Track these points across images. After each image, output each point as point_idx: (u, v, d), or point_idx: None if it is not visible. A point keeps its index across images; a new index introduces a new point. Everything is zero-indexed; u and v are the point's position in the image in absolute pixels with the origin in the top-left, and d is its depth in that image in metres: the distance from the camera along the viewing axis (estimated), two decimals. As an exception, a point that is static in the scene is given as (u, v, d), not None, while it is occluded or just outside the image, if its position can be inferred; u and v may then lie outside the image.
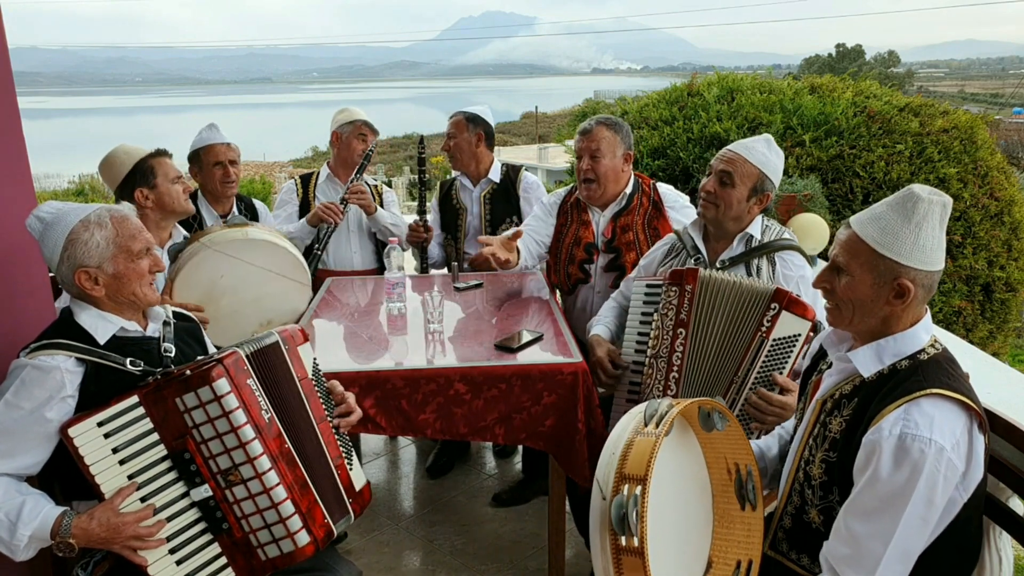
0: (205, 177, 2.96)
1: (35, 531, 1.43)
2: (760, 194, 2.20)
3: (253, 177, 15.18)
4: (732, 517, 1.53)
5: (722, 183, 2.20)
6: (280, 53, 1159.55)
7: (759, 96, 4.06)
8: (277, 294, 2.48)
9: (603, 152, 2.67)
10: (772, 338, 1.99)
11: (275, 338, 1.68)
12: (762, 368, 2.01)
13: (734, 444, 1.53)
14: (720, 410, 1.47)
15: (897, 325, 1.41)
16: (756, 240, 2.24)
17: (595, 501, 1.31)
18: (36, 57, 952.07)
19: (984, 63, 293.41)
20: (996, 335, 3.85)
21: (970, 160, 3.75)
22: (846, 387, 1.46)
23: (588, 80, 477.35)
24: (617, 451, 1.32)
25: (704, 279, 2.09)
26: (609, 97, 4.53)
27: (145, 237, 1.64)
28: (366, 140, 3.33)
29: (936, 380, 1.34)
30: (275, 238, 2.49)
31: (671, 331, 2.12)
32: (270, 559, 1.52)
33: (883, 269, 1.37)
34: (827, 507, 1.46)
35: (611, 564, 1.26)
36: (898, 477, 1.28)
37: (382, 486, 3.19)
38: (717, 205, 2.22)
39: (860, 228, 1.40)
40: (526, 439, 2.19)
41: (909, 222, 1.36)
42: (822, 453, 1.46)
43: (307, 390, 1.69)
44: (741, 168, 2.18)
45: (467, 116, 3.31)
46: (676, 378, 2.10)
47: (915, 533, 1.31)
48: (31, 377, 1.48)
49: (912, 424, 1.28)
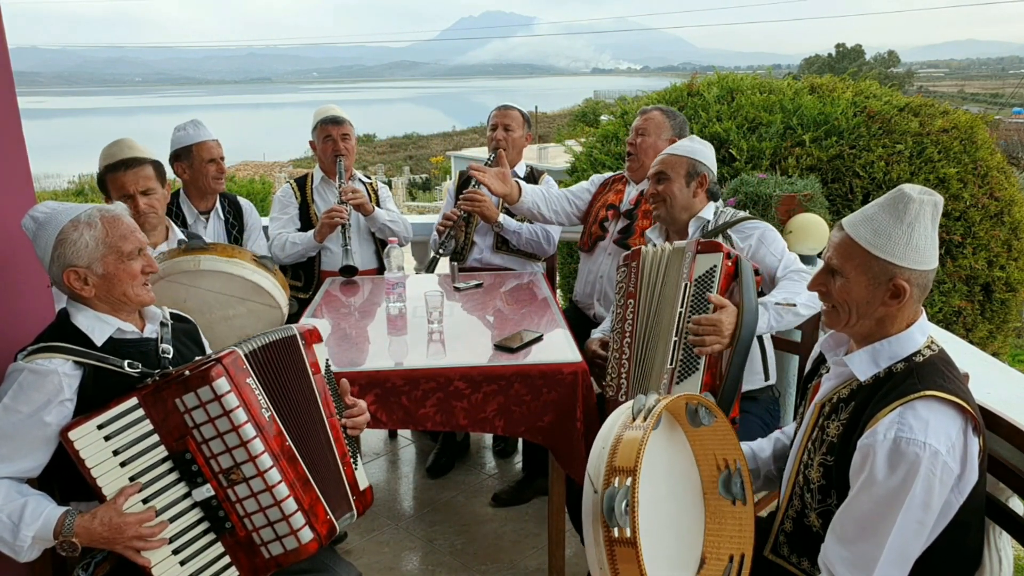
0: (196, 173, 2.94)
1: (38, 532, 1.43)
2: (697, 176, 2.36)
3: (253, 177, 15.17)
4: (723, 513, 1.54)
5: (659, 180, 2.39)
6: (280, 53, 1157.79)
7: (759, 96, 4.06)
8: (245, 314, 2.44)
9: (649, 131, 2.91)
10: (694, 279, 2.10)
11: (293, 332, 1.69)
12: (691, 306, 2.09)
13: (722, 440, 1.54)
14: (707, 405, 1.49)
15: (893, 326, 1.41)
16: (711, 224, 2.36)
17: (587, 495, 1.33)
18: (36, 57, 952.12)
19: (984, 63, 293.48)
20: (996, 335, 3.84)
21: (970, 160, 3.74)
22: (843, 391, 1.46)
23: (588, 80, 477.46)
24: (607, 445, 1.34)
25: (645, 253, 2.24)
26: (609, 97, 4.53)
27: (137, 238, 1.64)
28: (333, 139, 3.29)
29: (931, 382, 1.33)
30: (229, 267, 2.32)
31: (623, 303, 2.25)
32: (274, 557, 1.52)
33: (878, 270, 1.37)
34: (825, 511, 1.46)
35: (605, 556, 1.26)
36: (893, 480, 1.28)
37: (382, 486, 3.19)
38: (664, 200, 2.38)
39: (852, 230, 1.40)
40: (525, 432, 2.20)
41: (901, 223, 1.36)
42: (820, 457, 1.46)
43: (320, 386, 1.70)
44: (669, 161, 2.38)
45: (523, 114, 3.48)
46: (629, 342, 2.19)
47: (912, 536, 1.31)
48: (28, 381, 1.48)
49: (907, 428, 1.28)
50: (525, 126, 3.46)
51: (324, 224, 3.15)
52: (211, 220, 3.07)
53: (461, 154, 32.76)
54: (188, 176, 2.97)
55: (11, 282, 1.89)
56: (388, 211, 3.40)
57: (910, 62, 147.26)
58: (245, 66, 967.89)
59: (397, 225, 3.34)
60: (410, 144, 61.76)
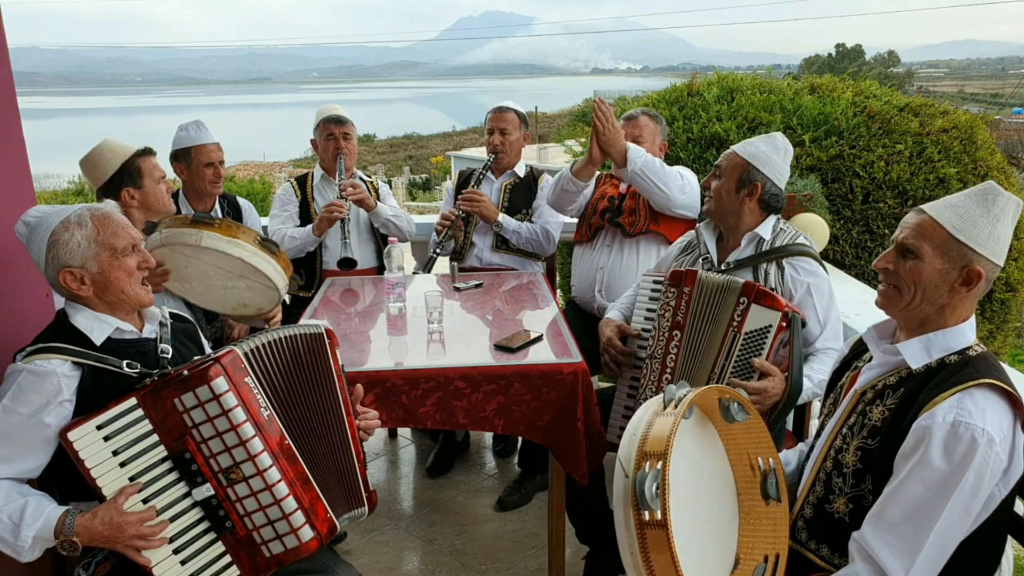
0: (193, 176, 2.95)
1: (39, 531, 1.43)
2: (748, 184, 2.18)
3: (253, 177, 15.17)
4: (758, 513, 1.52)
5: (715, 176, 2.26)
6: (280, 53, 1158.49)
7: (759, 96, 4.06)
8: (243, 287, 2.45)
9: (644, 139, 2.95)
10: (744, 331, 2.00)
11: (320, 329, 1.70)
12: (737, 362, 2.01)
13: (755, 438, 1.53)
14: (739, 401, 1.48)
15: (951, 317, 1.42)
16: (766, 243, 2.22)
17: (618, 480, 1.32)
18: (36, 57, 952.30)
19: (984, 63, 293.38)
20: (996, 335, 3.84)
21: (970, 160, 3.75)
22: (890, 378, 1.46)
23: (587, 80, 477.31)
24: (638, 432, 1.34)
25: (702, 280, 2.09)
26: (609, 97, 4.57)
27: (130, 234, 1.63)
28: (335, 137, 3.31)
29: (988, 373, 1.35)
30: (230, 247, 2.34)
31: (667, 332, 2.14)
32: (274, 555, 1.52)
33: (955, 255, 1.39)
34: (857, 495, 1.45)
35: (636, 540, 1.26)
36: (947, 465, 1.28)
37: (382, 486, 3.19)
38: (712, 198, 2.26)
39: (936, 213, 1.41)
40: (525, 431, 2.20)
41: (988, 212, 1.39)
42: (859, 441, 1.45)
43: (341, 384, 1.72)
44: (730, 160, 2.23)
45: (519, 114, 3.45)
46: (668, 379, 2.11)
47: (956, 523, 1.31)
48: (27, 382, 1.48)
49: (966, 412, 1.29)
50: (522, 127, 3.45)
51: (323, 218, 3.15)
52: None
53: (461, 154, 32.76)
54: (186, 177, 2.98)
55: (11, 282, 1.89)
56: (391, 207, 3.40)
57: (910, 62, 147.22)
58: (245, 66, 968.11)
59: (401, 220, 3.34)
60: (410, 144, 61.75)
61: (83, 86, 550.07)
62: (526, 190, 3.43)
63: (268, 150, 55.36)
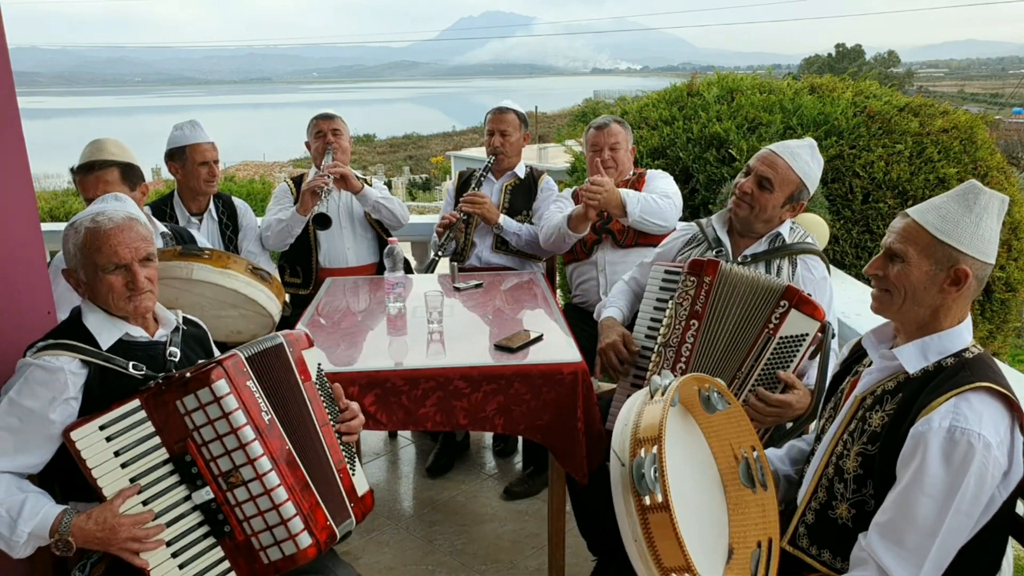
0: (187, 175, 2.95)
1: (35, 528, 1.43)
2: (795, 202, 2.21)
3: (252, 177, 15.16)
4: (746, 502, 1.52)
5: (760, 186, 2.19)
6: (280, 53, 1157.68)
7: (759, 96, 4.06)
8: (236, 316, 2.44)
9: (620, 145, 3.02)
10: (779, 336, 1.97)
11: (279, 340, 1.67)
12: (766, 366, 1.99)
13: (737, 427, 1.53)
14: (719, 389, 1.48)
15: (945, 319, 1.42)
16: (783, 239, 2.24)
17: (615, 471, 1.32)
18: (36, 57, 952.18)
19: (984, 63, 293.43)
20: (996, 335, 3.84)
21: (970, 160, 3.75)
22: (889, 383, 1.46)
23: (587, 80, 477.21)
24: (629, 422, 1.35)
25: (724, 272, 2.06)
26: (609, 97, 4.54)
27: (119, 253, 1.57)
28: (324, 133, 3.31)
29: (983, 376, 1.35)
30: (222, 279, 2.33)
31: (684, 321, 2.09)
32: (272, 562, 1.52)
33: (941, 256, 1.39)
34: (859, 501, 1.45)
35: (639, 526, 1.25)
36: (946, 471, 1.29)
37: (382, 486, 3.19)
38: (752, 207, 2.21)
39: (919, 216, 1.42)
40: (525, 431, 2.20)
41: (970, 212, 1.39)
42: (859, 447, 1.45)
43: (310, 394, 1.68)
44: (783, 175, 2.16)
45: (519, 115, 3.46)
46: (683, 369, 2.07)
47: (959, 528, 1.31)
48: (36, 377, 1.49)
49: (962, 417, 1.29)
50: (522, 127, 3.45)
51: (305, 193, 3.10)
52: (204, 222, 3.08)
53: (461, 154, 32.77)
54: (180, 176, 2.99)
55: (11, 282, 1.89)
56: (380, 189, 3.36)
57: (910, 62, 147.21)
58: (245, 66, 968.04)
59: (392, 203, 3.30)
60: (410, 144, 61.76)
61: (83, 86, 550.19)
62: (526, 191, 3.43)
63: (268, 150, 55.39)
